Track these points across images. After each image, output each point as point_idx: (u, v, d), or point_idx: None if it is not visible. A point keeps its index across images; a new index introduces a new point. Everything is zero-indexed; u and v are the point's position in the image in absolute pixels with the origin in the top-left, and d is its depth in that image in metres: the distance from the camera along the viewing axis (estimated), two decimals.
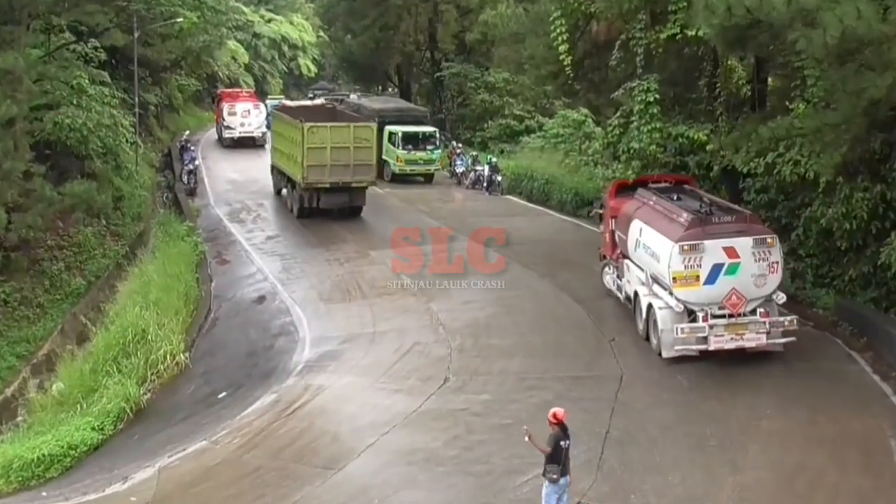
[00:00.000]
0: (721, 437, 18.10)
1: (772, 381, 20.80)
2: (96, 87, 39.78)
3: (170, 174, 50.71)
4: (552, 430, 14.77)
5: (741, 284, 21.21)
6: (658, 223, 22.85)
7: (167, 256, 32.63)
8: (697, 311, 21.38)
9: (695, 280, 21.21)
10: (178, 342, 25.34)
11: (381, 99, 59.05)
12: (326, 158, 36.68)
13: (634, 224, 24.09)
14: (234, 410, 21.23)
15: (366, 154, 37.58)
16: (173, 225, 37.56)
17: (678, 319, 21.62)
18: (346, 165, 36.98)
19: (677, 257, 21.21)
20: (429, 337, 24.73)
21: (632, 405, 19.83)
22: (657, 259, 22.28)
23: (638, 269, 23.84)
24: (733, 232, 21.47)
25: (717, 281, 21.19)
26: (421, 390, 21.18)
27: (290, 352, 24.68)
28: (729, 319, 21.26)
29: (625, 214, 25.16)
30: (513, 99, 58.97)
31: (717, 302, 21.26)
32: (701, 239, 21.23)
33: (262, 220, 39.90)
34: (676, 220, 22.16)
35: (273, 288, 30.19)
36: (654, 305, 22.28)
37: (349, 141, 37.08)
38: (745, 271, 21.21)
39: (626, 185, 26.92)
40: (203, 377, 24.80)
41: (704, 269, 21.17)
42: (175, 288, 29.06)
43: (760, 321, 21.32)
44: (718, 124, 29.78)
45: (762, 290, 21.34)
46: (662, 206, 23.46)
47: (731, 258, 21.22)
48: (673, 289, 21.45)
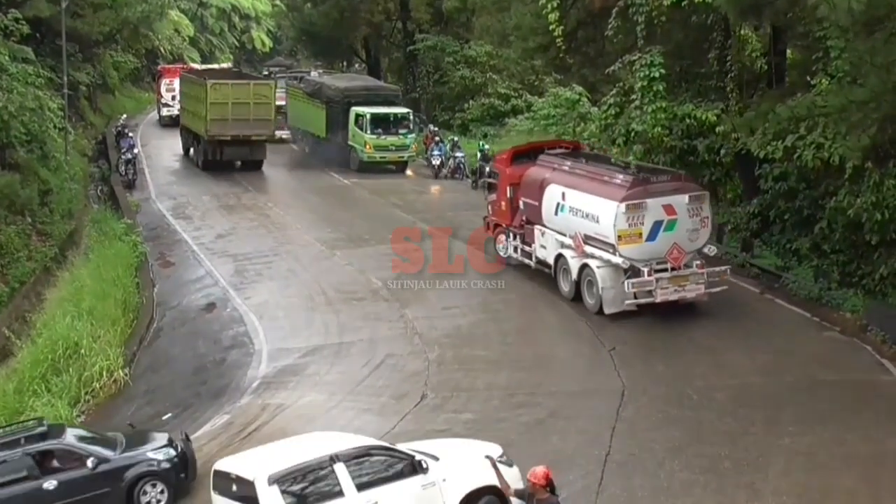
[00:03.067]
0: (737, 459, 18.13)
1: (794, 395, 20.90)
2: (18, 64, 39.45)
3: (105, 164, 50.52)
4: (539, 496, 13.19)
5: (679, 239, 25.19)
6: (590, 186, 26.28)
7: (102, 259, 32.45)
8: (642, 266, 24.90)
9: (638, 237, 24.97)
10: (115, 357, 25.19)
11: (346, 76, 59.00)
12: (228, 113, 45.19)
13: (552, 189, 27.39)
14: (180, 434, 21.10)
15: (265, 110, 46.28)
16: (109, 222, 37.37)
17: (617, 276, 25.36)
18: (246, 120, 45.57)
19: (622, 216, 24.79)
20: (403, 348, 24.68)
21: (635, 423, 19.85)
22: (595, 220, 25.66)
23: (557, 233, 27.26)
24: (670, 190, 25.46)
25: (657, 237, 25.07)
26: (395, 409, 21.13)
27: (244, 367, 24.58)
28: (672, 272, 25.09)
29: (532, 181, 28.45)
30: (497, 75, 59.05)
31: (658, 257, 25.06)
32: (643, 198, 24.99)
33: (212, 215, 39.75)
34: (614, 182, 25.73)
35: (225, 293, 30.07)
36: (592, 265, 25.84)
37: (249, 97, 45.79)
38: (681, 227, 25.22)
39: (521, 152, 30.92)
40: (145, 397, 24.66)
41: (646, 226, 24.97)
42: (112, 294, 28.91)
43: (699, 272, 25.33)
44: (730, 103, 29.92)
45: (696, 243, 25.56)
46: (587, 169, 27.02)
47: (670, 215, 25.14)
48: (618, 246, 24.87)
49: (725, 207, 32.91)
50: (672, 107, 30.17)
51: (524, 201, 29.06)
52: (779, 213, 29.29)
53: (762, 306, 26.68)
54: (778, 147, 26.10)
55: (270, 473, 14.22)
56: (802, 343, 23.90)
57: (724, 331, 24.62)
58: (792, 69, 31.52)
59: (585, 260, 26.18)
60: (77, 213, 39.40)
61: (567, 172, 27.56)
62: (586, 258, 26.18)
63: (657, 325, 25.12)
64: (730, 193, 34.14)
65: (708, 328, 24.81)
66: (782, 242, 29.27)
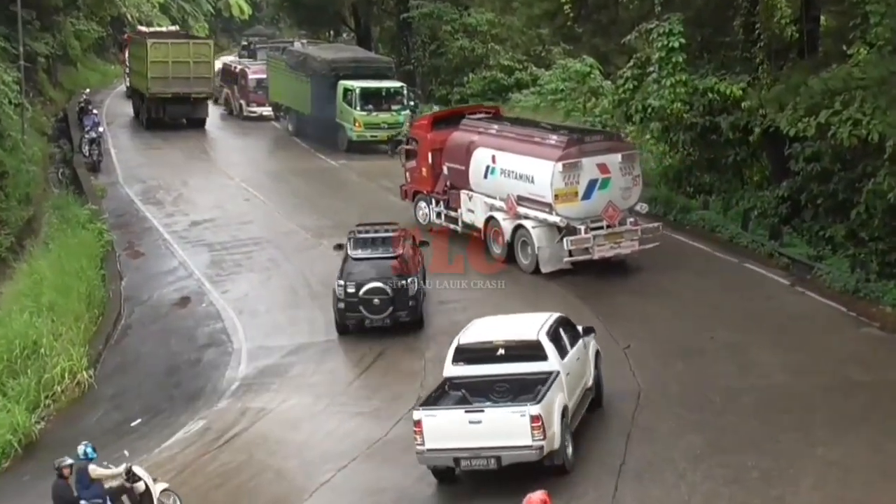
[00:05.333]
0: (765, 469, 18.14)
1: (828, 397, 20.90)
2: None
3: (66, 144, 50.40)
4: None
5: (613, 197, 28.18)
6: (523, 147, 29.12)
7: (64, 248, 32.43)
8: (578, 224, 27.80)
9: (574, 196, 27.83)
10: (79, 357, 25.21)
11: (333, 47, 58.87)
12: (168, 71, 51.31)
13: (481, 153, 30.20)
14: (151, 442, 21.18)
15: (204, 68, 52.83)
16: (72, 208, 37.32)
17: (552, 236, 28.29)
18: (186, 78, 51.64)
19: (559, 175, 27.58)
20: (397, 346, 24.69)
21: (653, 429, 19.86)
22: (530, 181, 28.41)
23: (486, 197, 30.07)
24: (604, 149, 28.58)
25: (593, 196, 28.01)
26: (388, 413, 21.18)
27: (222, 367, 24.63)
28: (608, 230, 28.08)
29: (458, 145, 31.27)
30: (499, 46, 58.85)
31: (594, 215, 27.99)
32: (579, 157, 27.90)
33: (186, 200, 39.74)
34: (548, 143, 28.69)
35: (200, 286, 30.09)
36: (526, 226, 28.69)
37: (189, 56, 52.05)
38: (615, 185, 28.28)
39: (441, 118, 34.25)
40: (112, 401, 24.69)
41: (582, 185, 27.87)
42: (75, 288, 28.90)
43: (633, 229, 28.50)
44: (758, 75, 29.90)
45: (629, 201, 28.80)
46: (517, 132, 30.15)
47: (604, 174, 28.14)
48: (555, 206, 27.64)
49: (752, 191, 32.94)
50: (693, 80, 30.12)
51: (448, 166, 31.97)
52: (811, 198, 29.27)
53: (792, 300, 26.68)
54: (810, 124, 26.06)
55: (542, 332, 18.88)
56: (837, 340, 23.88)
57: (749, 327, 24.62)
58: (826, 37, 31.50)
59: (519, 221, 29.03)
60: (35, 199, 39.37)
61: (495, 135, 30.50)
62: (520, 219, 28.99)
63: (675, 321, 25.17)
64: (756, 176, 34.14)
65: (732, 324, 24.81)
66: (815, 229, 29.26)
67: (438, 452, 17.49)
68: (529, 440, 17.03)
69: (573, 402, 18.73)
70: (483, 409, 17.59)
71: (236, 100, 58.69)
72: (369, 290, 25.14)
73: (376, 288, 25.13)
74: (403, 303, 25.24)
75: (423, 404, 18.04)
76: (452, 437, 17.32)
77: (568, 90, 49.44)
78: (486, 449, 17.21)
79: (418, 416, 17.51)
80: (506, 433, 17.11)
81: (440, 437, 17.36)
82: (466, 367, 18.83)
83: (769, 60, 30.13)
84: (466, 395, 18.51)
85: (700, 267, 29.51)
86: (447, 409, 17.81)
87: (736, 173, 34.22)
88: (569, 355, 19.15)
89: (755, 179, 34.03)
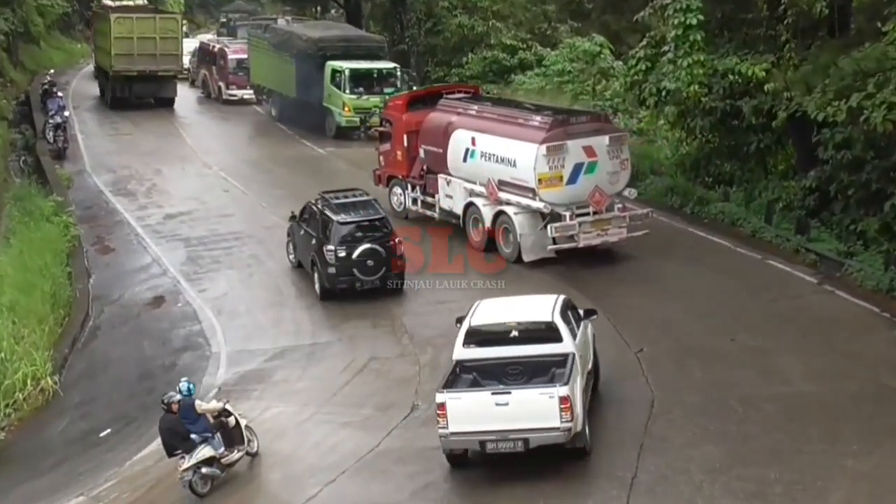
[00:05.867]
0: (789, 483, 18.18)
1: (858, 406, 20.93)
2: None
3: (28, 129, 50.42)
4: None
5: (600, 182, 28.74)
6: (504, 129, 29.59)
7: (27, 243, 32.43)
8: (563, 210, 28.28)
9: (558, 181, 28.33)
10: (43, 361, 25.23)
11: (321, 25, 58.99)
12: (133, 48, 52.67)
13: (460, 134, 30.76)
14: (122, 454, 21.20)
15: (171, 45, 53.98)
16: (35, 200, 37.31)
17: (535, 222, 28.92)
18: (153, 55, 53.03)
19: (542, 159, 28.10)
20: (389, 350, 24.78)
21: (667, 439, 19.90)
22: (512, 164, 28.96)
23: (466, 181, 30.70)
24: (590, 131, 29.03)
25: (578, 180, 28.54)
26: (379, 423, 21.20)
27: (199, 372, 24.62)
28: (594, 216, 28.60)
29: (435, 127, 31.95)
30: (501, 23, 58.96)
31: (580, 201, 28.49)
32: (563, 139, 28.35)
33: (160, 191, 39.80)
34: (531, 124, 29.20)
35: (175, 285, 30.12)
36: (508, 212, 29.29)
37: (155, 31, 53.31)
38: (601, 169, 28.83)
39: (418, 98, 34.85)
40: (79, 409, 24.71)
41: (567, 169, 28.36)
42: (38, 287, 28.92)
43: (622, 216, 29.13)
44: (783, 55, 29.91)
45: (616, 186, 29.32)
46: (498, 112, 30.66)
47: (590, 157, 28.64)
48: (538, 191, 28.21)
49: (776, 181, 33.00)
50: (712, 60, 30.15)
51: (425, 149, 32.69)
52: (841, 188, 29.31)
53: (820, 299, 26.73)
54: (840, 108, 26.11)
55: (555, 313, 19.74)
56: (869, 344, 23.91)
57: (773, 329, 24.66)
58: (858, 13, 31.50)
59: (500, 207, 29.66)
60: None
61: (475, 116, 31.07)
62: (501, 205, 29.64)
63: (692, 323, 25.21)
64: (781, 164, 34.22)
65: (754, 326, 24.85)
66: (845, 223, 29.31)
67: (464, 436, 18.11)
68: (558, 422, 17.76)
69: (582, 384, 19.21)
70: (510, 391, 18.24)
71: (215, 82, 58.78)
72: (363, 251, 27.33)
73: (370, 249, 27.39)
74: (393, 262, 27.82)
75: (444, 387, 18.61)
76: (478, 419, 17.97)
77: (576, 71, 49.56)
78: (514, 431, 17.91)
79: (442, 398, 18.08)
80: (534, 415, 17.81)
81: (465, 420, 17.96)
82: (478, 349, 19.51)
83: (796, 39, 30.14)
84: (478, 379, 19.27)
85: (719, 264, 29.54)
86: (473, 392, 18.55)
87: (759, 162, 34.30)
88: (577, 336, 19.91)
89: (780, 168, 34.10)
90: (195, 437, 19.10)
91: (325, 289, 27.78)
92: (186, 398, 19.26)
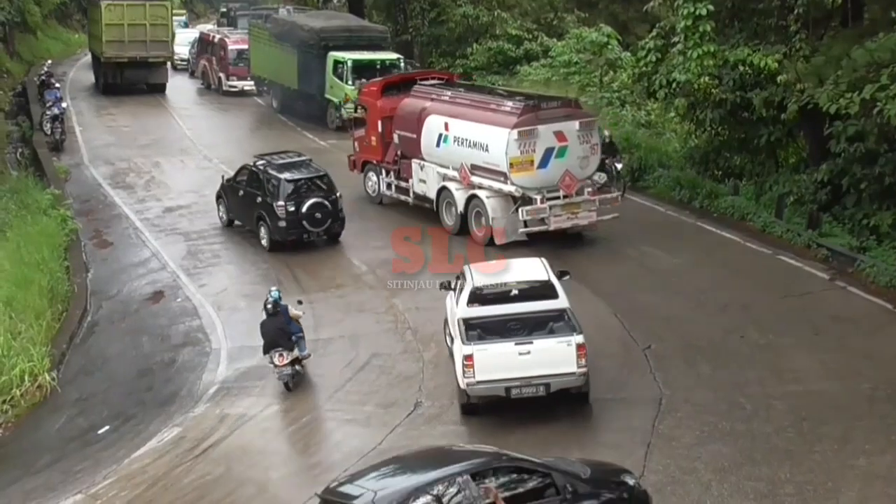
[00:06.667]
0: (800, 483, 18.18)
1: (872, 405, 20.94)
2: None
3: (25, 121, 50.42)
4: None
5: (571, 166, 29.83)
6: (477, 114, 30.71)
7: (23, 237, 32.42)
8: (534, 194, 29.48)
9: (530, 165, 29.49)
10: (40, 357, 25.19)
11: (323, 14, 58.82)
12: (124, 34, 54.78)
13: (433, 120, 31.91)
14: (120, 452, 21.19)
15: (161, 31, 56.02)
16: (31, 193, 37.31)
17: (507, 206, 30.00)
18: (143, 42, 55.19)
19: (514, 143, 29.23)
20: (393, 346, 24.76)
21: (675, 438, 19.91)
22: (484, 149, 30.13)
23: (439, 166, 31.89)
24: (561, 116, 30.06)
25: (549, 164, 29.62)
26: (382, 420, 21.21)
27: (198, 369, 24.65)
28: (565, 200, 29.76)
29: (409, 112, 33.05)
30: (506, 13, 58.93)
31: (550, 185, 29.69)
32: (535, 124, 29.39)
33: (159, 184, 39.79)
34: (503, 109, 30.23)
35: (174, 280, 30.11)
36: (481, 196, 30.48)
37: (145, 18, 55.17)
38: (572, 154, 29.89)
39: (392, 83, 35.83)
40: (76, 406, 24.70)
41: (538, 153, 29.45)
42: (35, 281, 28.90)
43: (591, 199, 30.14)
44: (795, 46, 29.87)
45: (586, 171, 30.38)
46: (471, 98, 31.76)
47: (561, 142, 29.70)
48: (510, 175, 29.33)
49: (787, 175, 32.94)
50: (722, 51, 30.15)
51: (399, 134, 33.81)
52: (853, 182, 29.28)
53: (832, 296, 26.71)
54: (853, 100, 26.07)
55: (549, 273, 22.21)
56: (883, 341, 23.90)
57: (784, 326, 24.64)
58: (872, 3, 31.46)
59: (473, 191, 30.89)
60: None
61: (448, 102, 32.21)
62: (474, 189, 30.84)
63: (701, 319, 25.20)
64: (792, 157, 34.17)
65: (764, 323, 24.84)
66: (858, 217, 29.28)
67: (490, 384, 20.26)
68: (574, 367, 20.19)
69: None
70: (532, 341, 20.39)
71: (215, 73, 58.78)
72: (312, 205, 30.92)
73: (318, 203, 30.99)
74: (336, 214, 31.42)
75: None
76: (503, 368, 20.16)
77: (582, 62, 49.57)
78: (536, 378, 20.21)
79: (469, 350, 20.16)
80: (554, 362, 20.18)
81: (492, 370, 20.14)
82: (481, 308, 21.32)
83: (807, 29, 30.14)
84: (482, 335, 20.88)
85: (729, 259, 29.53)
86: (498, 342, 20.49)
87: (769, 155, 34.25)
88: None
89: (791, 162, 34.05)
90: (294, 338, 22.73)
91: (274, 241, 31.26)
92: (284, 304, 22.94)
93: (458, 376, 20.64)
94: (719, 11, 29.99)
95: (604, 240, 30.99)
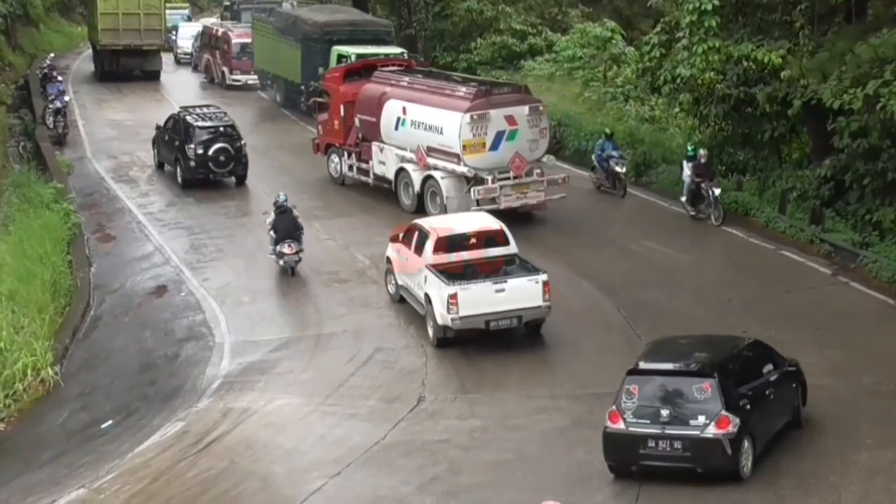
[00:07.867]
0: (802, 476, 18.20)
1: (874, 400, 21.01)
2: None
3: (28, 115, 50.40)
4: None
5: (521, 149, 31.79)
6: (432, 99, 32.75)
7: (26, 231, 32.45)
8: (486, 175, 31.29)
9: (482, 147, 31.41)
10: (43, 352, 25.24)
11: (326, 8, 58.79)
12: (119, 23, 57.07)
13: (392, 104, 33.89)
14: (123, 446, 21.23)
15: (154, 20, 58.24)
16: (34, 186, 37.32)
17: (460, 186, 31.83)
18: (137, 30, 57.44)
19: (467, 127, 31.20)
20: (396, 341, 24.85)
21: None
22: (439, 132, 32.06)
23: (397, 148, 33.84)
24: (512, 101, 32.18)
25: (500, 147, 31.57)
26: (385, 415, 21.28)
27: (202, 363, 24.69)
28: (514, 180, 31.66)
29: (369, 97, 35.01)
30: (511, 8, 58.81)
31: (501, 166, 31.57)
32: (486, 109, 31.45)
33: (162, 178, 39.78)
34: (457, 94, 32.31)
35: (178, 274, 30.14)
36: (436, 176, 32.44)
37: (138, 8, 57.45)
38: (522, 137, 31.92)
39: (354, 70, 38.18)
40: (79, 400, 24.76)
41: (490, 136, 31.46)
42: (38, 275, 28.94)
43: (539, 181, 32.21)
44: (799, 41, 29.88)
45: (535, 153, 32.40)
46: (428, 84, 33.87)
47: (511, 125, 31.68)
48: (463, 156, 31.23)
49: (790, 170, 32.92)
50: (727, 46, 30.13)
51: (360, 118, 35.82)
52: (857, 177, 29.28)
53: (835, 291, 26.76)
54: (857, 95, 26.13)
55: (499, 222, 25.99)
56: (885, 336, 23.97)
57: (787, 322, 24.67)
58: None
59: (429, 172, 32.79)
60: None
61: (406, 87, 34.25)
62: (429, 170, 32.76)
63: (704, 315, 25.23)
64: (796, 153, 34.16)
65: (767, 318, 24.85)
66: (861, 213, 29.28)
67: (472, 318, 23.36)
68: (541, 301, 23.70)
69: None
70: (506, 280, 23.85)
71: (218, 67, 58.71)
72: (217, 150, 36.69)
73: (222, 148, 36.81)
74: (239, 159, 37.15)
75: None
76: (482, 304, 23.41)
77: (587, 57, 49.48)
78: (510, 311, 23.52)
79: (454, 290, 23.28)
80: (525, 297, 23.64)
81: (473, 306, 23.32)
82: (445, 254, 24.76)
83: (811, 25, 30.14)
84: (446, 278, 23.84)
85: (732, 255, 29.59)
86: (477, 283, 23.69)
87: (773, 150, 34.25)
88: None
89: (794, 157, 34.04)
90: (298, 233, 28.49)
91: (185, 179, 37.28)
92: (290, 205, 28.71)
93: (435, 314, 23.67)
94: (724, 7, 29.95)
95: (607, 235, 31.05)
